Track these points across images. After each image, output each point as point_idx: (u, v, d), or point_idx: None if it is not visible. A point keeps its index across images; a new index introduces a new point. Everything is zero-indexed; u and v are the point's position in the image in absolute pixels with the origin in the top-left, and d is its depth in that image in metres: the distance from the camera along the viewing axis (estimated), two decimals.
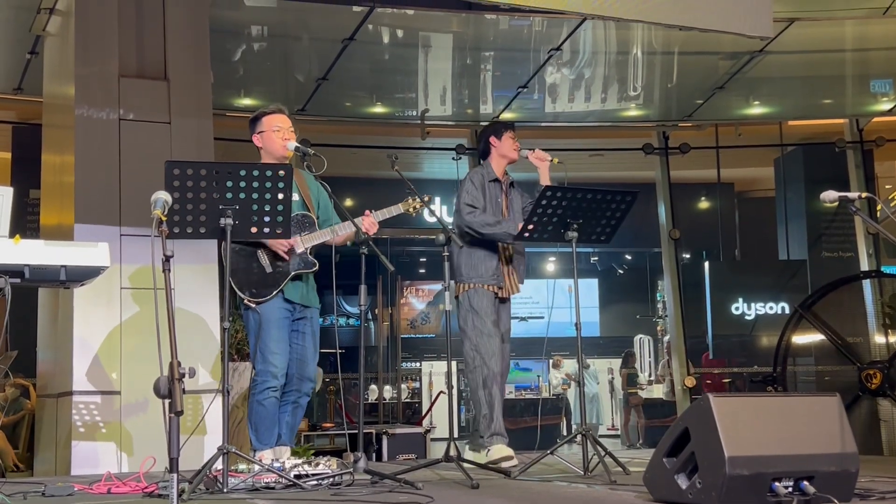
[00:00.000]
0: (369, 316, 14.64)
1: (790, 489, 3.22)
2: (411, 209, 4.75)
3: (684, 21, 6.05)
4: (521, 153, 5.35)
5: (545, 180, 5.21)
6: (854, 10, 8.39)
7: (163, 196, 3.37)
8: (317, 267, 4.65)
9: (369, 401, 11.96)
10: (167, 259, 2.96)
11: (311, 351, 4.66)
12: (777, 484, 3.21)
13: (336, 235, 4.64)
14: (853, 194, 3.88)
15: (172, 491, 2.52)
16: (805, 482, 3.24)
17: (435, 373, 16.29)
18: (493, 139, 5.41)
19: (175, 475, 2.53)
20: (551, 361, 17.06)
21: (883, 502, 3.37)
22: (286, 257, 4.53)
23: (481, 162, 5.50)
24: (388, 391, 12.53)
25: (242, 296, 4.45)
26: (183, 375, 2.57)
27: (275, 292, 4.50)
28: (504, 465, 4.85)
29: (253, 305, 4.46)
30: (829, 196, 3.92)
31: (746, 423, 3.27)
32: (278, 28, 8.40)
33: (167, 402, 2.54)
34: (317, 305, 4.73)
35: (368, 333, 14.84)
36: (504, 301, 5.32)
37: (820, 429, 3.40)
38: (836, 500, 3.16)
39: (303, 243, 4.59)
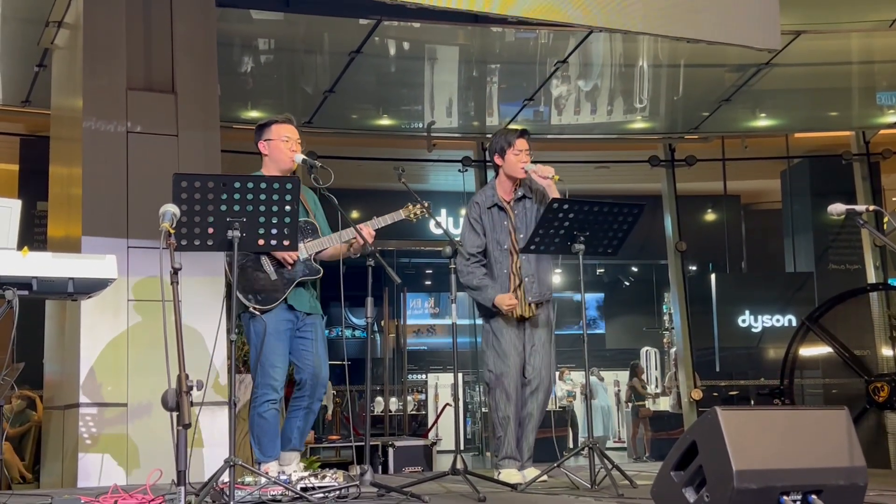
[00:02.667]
0: (375, 328, 14.64)
1: (798, 503, 3.21)
2: (412, 215, 4.74)
3: (692, 34, 6.02)
4: (526, 168, 5.03)
5: (553, 194, 4.98)
6: (860, 22, 8.40)
7: (171, 209, 3.38)
8: (321, 273, 4.65)
9: (375, 413, 11.95)
10: (175, 272, 2.96)
11: (322, 356, 4.65)
12: (785, 498, 3.20)
13: (340, 241, 4.64)
14: (860, 207, 3.87)
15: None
16: (813, 496, 3.23)
17: (441, 385, 16.29)
18: (497, 158, 5.13)
19: (183, 488, 2.53)
20: (557, 374, 17.03)
21: None
22: (289, 266, 4.54)
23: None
24: (393, 403, 12.52)
25: (247, 303, 4.45)
26: (191, 388, 2.57)
27: (280, 299, 4.50)
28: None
29: (258, 313, 4.45)
30: (837, 209, 3.91)
31: (754, 436, 3.26)
32: (285, 41, 8.42)
33: (175, 414, 2.54)
34: (320, 313, 4.73)
35: (374, 345, 14.85)
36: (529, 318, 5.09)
37: (828, 442, 3.39)
38: None
39: (307, 250, 4.59)
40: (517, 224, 5.10)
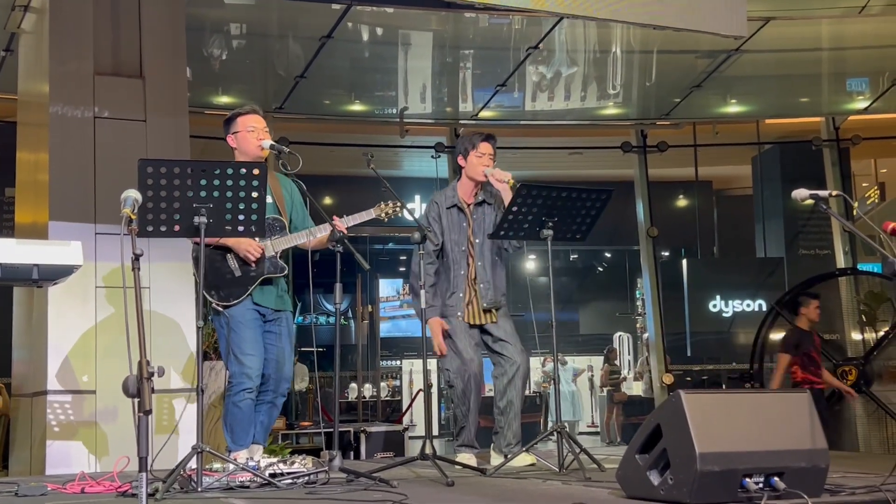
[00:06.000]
0: (349, 314, 14.62)
1: (761, 485, 3.25)
2: (383, 214, 4.71)
3: (658, 21, 6.07)
4: (485, 172, 5.04)
5: (507, 199, 4.92)
6: (830, 9, 8.45)
7: (133, 194, 3.35)
8: (286, 272, 4.64)
9: (348, 399, 11.95)
10: (137, 258, 2.95)
11: (287, 351, 4.66)
12: (748, 480, 3.23)
13: (311, 238, 4.62)
14: (824, 192, 3.89)
15: (142, 490, 2.52)
16: (775, 478, 3.26)
17: (415, 371, 16.30)
18: (460, 159, 5.17)
19: (144, 474, 2.52)
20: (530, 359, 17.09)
21: (852, 497, 3.40)
22: (252, 262, 4.51)
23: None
24: (367, 389, 12.51)
25: (211, 299, 4.43)
26: (152, 374, 2.57)
27: (243, 296, 4.48)
28: None
29: (221, 309, 4.44)
30: (801, 194, 3.93)
31: (717, 419, 3.30)
32: (256, 25, 8.37)
33: (136, 401, 2.54)
34: (289, 309, 4.72)
35: (347, 332, 14.82)
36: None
37: (790, 425, 3.43)
38: (805, 496, 3.19)
39: (273, 247, 4.57)
40: (475, 228, 5.13)
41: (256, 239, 4.42)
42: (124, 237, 3.00)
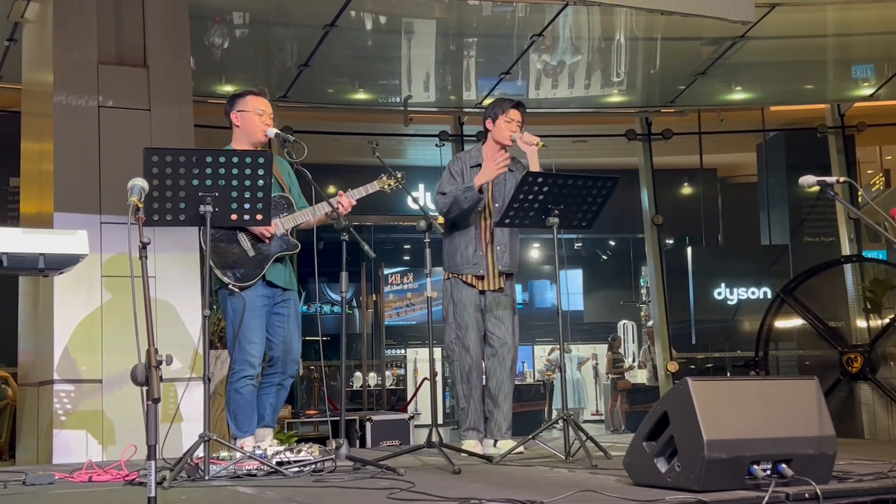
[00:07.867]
0: (354, 303, 14.62)
1: (768, 472, 3.25)
2: (386, 186, 4.76)
3: (666, 6, 6.05)
4: (512, 137, 5.13)
5: (534, 165, 5.04)
6: None
7: (139, 183, 3.35)
8: (298, 248, 4.66)
9: (354, 388, 11.96)
10: (144, 246, 2.95)
11: (295, 333, 4.67)
12: (755, 467, 3.23)
13: (315, 215, 4.64)
14: (831, 179, 3.88)
15: (151, 479, 2.52)
16: (783, 465, 3.26)
17: (420, 359, 16.29)
18: (488, 122, 5.25)
19: (153, 463, 2.53)
20: (534, 348, 17.11)
21: (860, 484, 3.39)
22: (267, 241, 4.54)
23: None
24: (372, 378, 12.52)
25: (227, 280, 4.43)
26: (160, 363, 2.57)
27: (259, 275, 4.49)
28: None
29: (237, 290, 4.44)
30: (808, 181, 3.92)
31: (725, 406, 3.29)
32: (259, 14, 8.34)
33: (145, 389, 2.54)
34: (296, 289, 4.74)
35: (352, 321, 14.83)
36: (491, 291, 5.17)
37: (798, 412, 3.43)
38: (813, 483, 3.19)
39: (282, 225, 4.59)
40: (494, 192, 5.19)
41: None
42: (131, 226, 2.99)
